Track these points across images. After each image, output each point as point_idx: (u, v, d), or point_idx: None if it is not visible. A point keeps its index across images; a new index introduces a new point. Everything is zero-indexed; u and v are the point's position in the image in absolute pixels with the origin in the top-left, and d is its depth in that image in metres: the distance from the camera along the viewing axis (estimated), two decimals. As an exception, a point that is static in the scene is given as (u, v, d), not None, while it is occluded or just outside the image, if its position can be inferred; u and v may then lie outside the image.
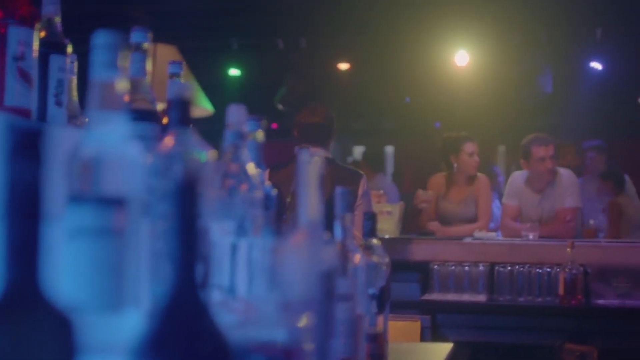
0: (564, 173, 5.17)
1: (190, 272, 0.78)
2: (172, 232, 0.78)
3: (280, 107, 7.38)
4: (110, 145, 0.97)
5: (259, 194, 1.36)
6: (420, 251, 4.68)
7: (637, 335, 4.23)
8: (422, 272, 4.58)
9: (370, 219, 1.87)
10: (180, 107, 1.14)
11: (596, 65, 6.87)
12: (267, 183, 1.49)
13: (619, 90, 7.02)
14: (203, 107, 5.57)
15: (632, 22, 6.62)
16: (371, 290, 1.76)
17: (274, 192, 1.42)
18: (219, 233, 1.30)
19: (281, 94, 7.36)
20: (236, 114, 1.39)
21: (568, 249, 4.27)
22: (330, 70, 7.43)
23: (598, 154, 7.05)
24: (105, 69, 0.98)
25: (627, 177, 6.66)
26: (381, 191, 5.77)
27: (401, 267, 4.49)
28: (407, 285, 4.52)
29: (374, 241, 1.83)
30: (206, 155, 1.18)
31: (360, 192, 3.91)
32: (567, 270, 4.24)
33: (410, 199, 5.68)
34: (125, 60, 1.02)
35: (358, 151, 10.23)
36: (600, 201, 6.69)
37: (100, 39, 0.98)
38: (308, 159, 1.29)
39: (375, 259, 1.80)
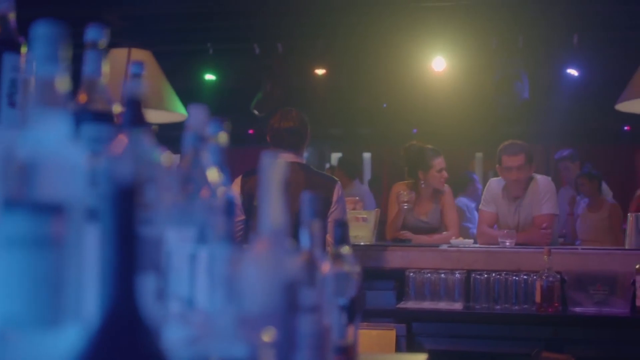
0: (541, 180, 5.12)
1: (128, 284, 0.71)
2: (109, 240, 0.71)
3: (256, 112, 7.30)
4: (49, 146, 0.89)
5: (220, 200, 1.29)
6: (395, 258, 4.62)
7: (614, 343, 4.20)
8: (397, 279, 4.53)
9: (341, 226, 1.80)
10: (132, 107, 1.06)
11: (573, 72, 6.86)
12: (235, 189, 1.42)
13: (596, 96, 7.02)
14: (178, 112, 5.51)
15: (609, 28, 6.62)
16: (341, 301, 1.68)
17: (237, 198, 1.35)
18: (177, 241, 1.23)
19: (257, 99, 7.28)
20: (196, 115, 1.32)
21: (545, 257, 4.23)
22: (307, 76, 7.36)
23: (571, 162, 7.07)
24: (45, 63, 0.90)
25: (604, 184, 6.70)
26: (357, 197, 5.71)
27: (376, 275, 4.44)
28: (383, 293, 4.46)
29: (345, 249, 1.76)
30: (160, 157, 1.11)
31: (334, 198, 3.85)
32: (544, 277, 4.20)
33: (387, 205, 5.61)
34: (68, 55, 0.94)
35: (335, 157, 10.18)
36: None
37: (40, 31, 0.90)
38: (271, 162, 1.22)
39: (345, 267, 1.72)
